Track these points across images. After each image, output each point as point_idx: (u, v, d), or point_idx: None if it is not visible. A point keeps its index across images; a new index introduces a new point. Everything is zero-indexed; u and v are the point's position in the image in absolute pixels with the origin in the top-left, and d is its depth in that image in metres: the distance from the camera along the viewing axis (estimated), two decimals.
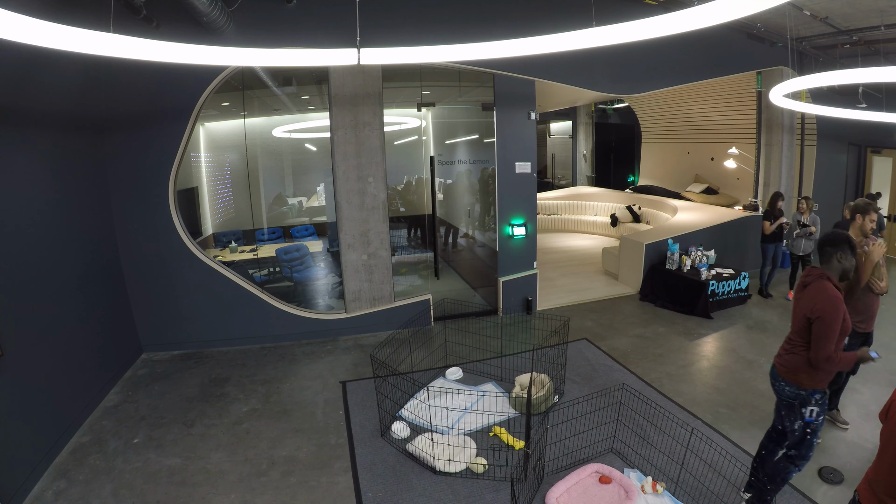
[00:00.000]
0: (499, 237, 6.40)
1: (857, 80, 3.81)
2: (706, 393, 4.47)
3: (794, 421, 2.80)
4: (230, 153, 6.83)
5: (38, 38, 1.92)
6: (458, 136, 7.56)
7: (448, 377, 4.81)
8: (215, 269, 5.45)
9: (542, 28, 2.76)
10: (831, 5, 5.55)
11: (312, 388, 4.69)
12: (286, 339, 5.77)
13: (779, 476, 2.89)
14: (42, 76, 3.87)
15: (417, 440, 3.65)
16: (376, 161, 5.61)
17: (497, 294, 6.50)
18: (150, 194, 5.13)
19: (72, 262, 4.29)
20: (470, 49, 2.77)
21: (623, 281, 7.61)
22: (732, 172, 9.90)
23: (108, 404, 4.43)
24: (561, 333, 4.48)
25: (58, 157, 4.23)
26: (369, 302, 5.93)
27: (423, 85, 6.27)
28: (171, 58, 2.38)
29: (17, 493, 3.19)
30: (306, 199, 7.52)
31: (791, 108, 5.14)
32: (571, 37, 2.49)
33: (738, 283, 6.58)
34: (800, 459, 2.83)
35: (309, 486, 3.37)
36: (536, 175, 6.43)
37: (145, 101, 4.99)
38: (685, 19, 2.13)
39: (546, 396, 4.10)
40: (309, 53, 2.81)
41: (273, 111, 6.78)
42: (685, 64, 7.00)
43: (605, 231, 11.07)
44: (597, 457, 3.56)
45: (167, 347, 5.50)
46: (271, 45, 4.10)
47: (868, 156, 9.36)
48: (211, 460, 3.65)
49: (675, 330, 5.95)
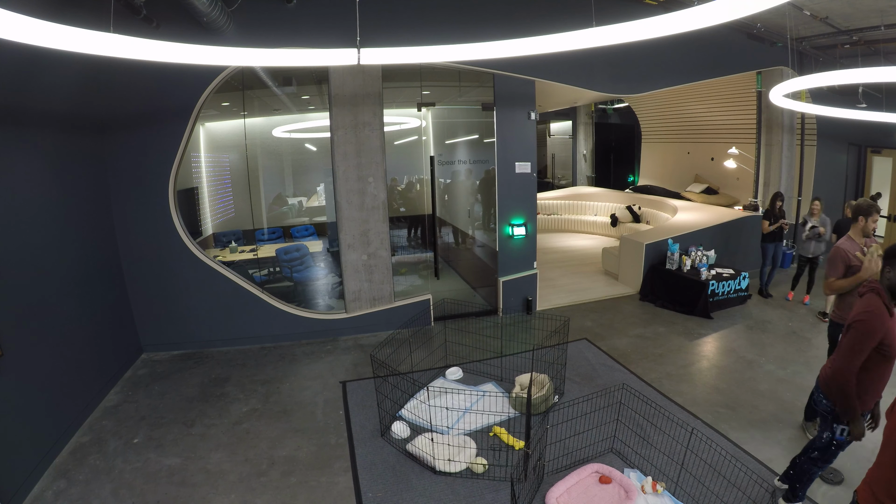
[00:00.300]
0: (499, 237, 6.39)
1: (857, 80, 3.81)
2: (706, 393, 4.47)
3: (824, 431, 2.84)
4: (230, 153, 6.83)
5: (38, 38, 1.92)
6: (458, 136, 7.56)
7: (448, 377, 4.81)
8: (215, 269, 5.45)
9: (542, 28, 2.75)
10: (831, 5, 5.55)
11: (312, 388, 4.69)
12: (286, 339, 5.77)
13: (805, 475, 2.97)
14: (42, 76, 3.87)
15: (417, 440, 3.66)
16: (376, 161, 5.61)
17: (497, 294, 6.50)
18: (150, 194, 5.13)
19: (72, 262, 4.29)
20: (470, 49, 2.77)
21: (623, 281, 7.61)
22: (732, 172, 9.90)
23: (108, 404, 4.43)
24: (561, 333, 4.48)
25: (58, 157, 4.23)
26: (369, 302, 5.93)
27: (423, 85, 6.26)
28: (171, 58, 2.39)
29: (17, 493, 3.19)
30: (306, 199, 7.52)
31: (791, 108, 5.13)
32: (571, 37, 2.49)
33: (738, 283, 6.58)
34: (822, 462, 2.90)
35: (309, 486, 3.37)
36: (536, 175, 6.43)
37: (145, 101, 4.99)
38: (685, 19, 2.14)
39: (546, 396, 4.10)
40: (309, 53, 2.81)
41: (273, 111, 6.78)
42: (685, 64, 7.00)
43: (605, 231, 11.07)
44: (597, 457, 3.56)
45: (167, 347, 5.50)
46: (271, 45, 4.09)
47: (868, 156, 9.36)
48: (211, 460, 3.65)
49: (675, 330, 5.95)
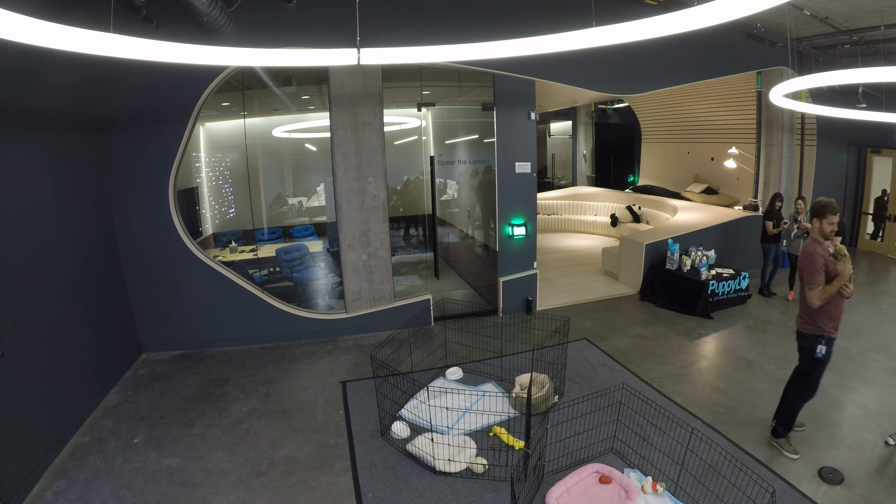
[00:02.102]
0: (499, 237, 6.39)
1: (857, 80, 3.81)
2: (706, 393, 4.47)
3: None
4: (230, 153, 6.83)
5: (38, 38, 1.92)
6: (458, 136, 7.55)
7: (448, 377, 4.81)
8: (215, 269, 5.45)
9: (542, 28, 2.75)
10: (831, 5, 5.55)
11: (312, 388, 4.69)
12: (286, 339, 5.77)
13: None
14: (42, 76, 3.87)
15: (417, 440, 3.65)
16: (376, 161, 5.61)
17: (497, 294, 6.50)
18: (150, 194, 5.13)
19: (72, 262, 4.29)
20: (470, 49, 2.77)
21: (623, 281, 7.60)
22: (732, 172, 9.90)
23: (108, 404, 4.43)
24: (561, 333, 4.47)
25: (58, 157, 4.23)
26: (369, 302, 5.93)
27: (423, 85, 6.27)
28: (171, 58, 2.38)
29: (17, 493, 3.19)
30: (306, 199, 7.52)
31: (791, 108, 5.14)
32: (571, 37, 2.49)
33: (738, 283, 6.58)
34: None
35: (309, 486, 3.37)
36: (536, 175, 6.43)
37: (145, 101, 4.99)
38: (685, 19, 2.13)
39: (546, 396, 4.10)
40: (309, 53, 2.81)
41: (273, 111, 6.78)
42: (685, 64, 7.00)
43: (605, 231, 11.07)
44: (597, 457, 3.55)
45: (167, 347, 5.50)
46: (271, 45, 4.09)
47: (868, 156, 9.36)
48: (211, 460, 3.65)
49: (675, 330, 5.95)
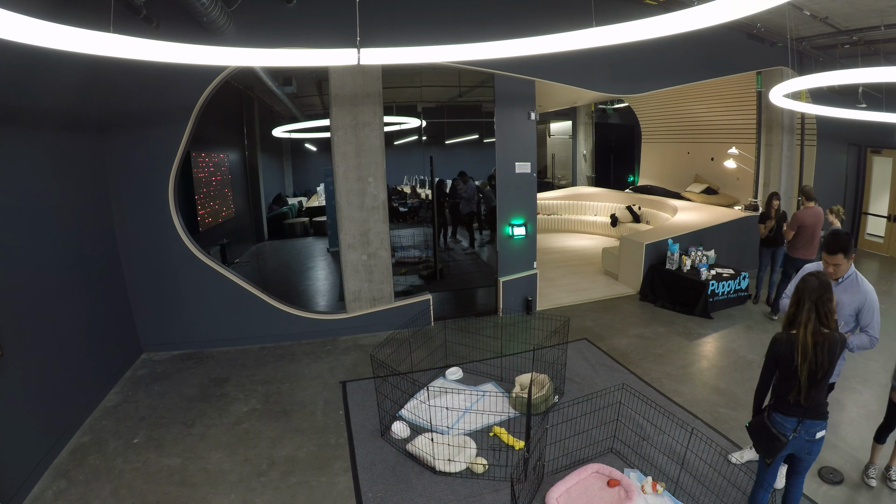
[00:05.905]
0: (499, 237, 6.39)
1: (857, 80, 3.80)
2: (706, 393, 4.47)
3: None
4: (230, 153, 6.82)
5: (38, 38, 1.92)
6: (457, 136, 7.54)
7: (448, 377, 4.81)
8: (215, 268, 5.45)
9: (542, 28, 2.75)
10: (831, 5, 5.55)
11: (312, 388, 4.69)
12: (286, 339, 5.76)
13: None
14: (42, 76, 3.87)
15: (417, 440, 3.65)
16: (376, 161, 5.61)
17: (497, 294, 6.50)
18: (150, 194, 5.13)
19: (72, 262, 4.28)
20: (470, 49, 2.76)
21: (623, 281, 7.60)
22: (732, 172, 9.89)
23: (108, 404, 4.43)
24: (561, 333, 4.48)
25: (58, 157, 4.23)
26: (369, 302, 5.92)
27: (423, 85, 6.26)
28: (171, 58, 2.38)
29: (17, 493, 3.19)
30: (306, 199, 7.52)
31: (791, 108, 5.13)
32: (571, 37, 2.49)
33: (738, 283, 6.58)
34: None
35: (309, 486, 3.37)
36: (536, 175, 6.43)
37: (145, 101, 4.99)
38: (685, 19, 2.13)
39: (546, 396, 4.10)
40: (309, 53, 2.80)
41: (273, 111, 6.77)
42: (685, 64, 7.00)
43: (605, 231, 11.07)
44: (597, 457, 3.56)
45: (167, 347, 5.50)
46: (271, 45, 4.08)
47: (868, 156, 9.35)
48: (211, 460, 3.65)
49: (675, 330, 5.95)
